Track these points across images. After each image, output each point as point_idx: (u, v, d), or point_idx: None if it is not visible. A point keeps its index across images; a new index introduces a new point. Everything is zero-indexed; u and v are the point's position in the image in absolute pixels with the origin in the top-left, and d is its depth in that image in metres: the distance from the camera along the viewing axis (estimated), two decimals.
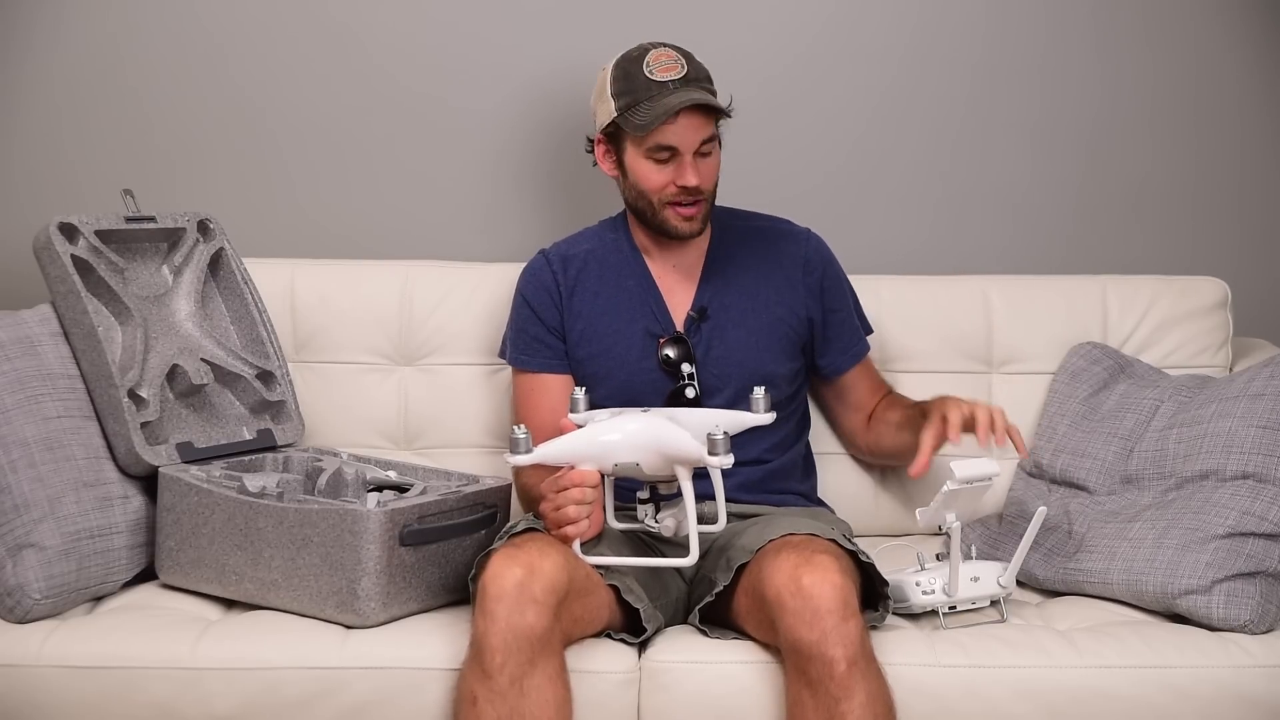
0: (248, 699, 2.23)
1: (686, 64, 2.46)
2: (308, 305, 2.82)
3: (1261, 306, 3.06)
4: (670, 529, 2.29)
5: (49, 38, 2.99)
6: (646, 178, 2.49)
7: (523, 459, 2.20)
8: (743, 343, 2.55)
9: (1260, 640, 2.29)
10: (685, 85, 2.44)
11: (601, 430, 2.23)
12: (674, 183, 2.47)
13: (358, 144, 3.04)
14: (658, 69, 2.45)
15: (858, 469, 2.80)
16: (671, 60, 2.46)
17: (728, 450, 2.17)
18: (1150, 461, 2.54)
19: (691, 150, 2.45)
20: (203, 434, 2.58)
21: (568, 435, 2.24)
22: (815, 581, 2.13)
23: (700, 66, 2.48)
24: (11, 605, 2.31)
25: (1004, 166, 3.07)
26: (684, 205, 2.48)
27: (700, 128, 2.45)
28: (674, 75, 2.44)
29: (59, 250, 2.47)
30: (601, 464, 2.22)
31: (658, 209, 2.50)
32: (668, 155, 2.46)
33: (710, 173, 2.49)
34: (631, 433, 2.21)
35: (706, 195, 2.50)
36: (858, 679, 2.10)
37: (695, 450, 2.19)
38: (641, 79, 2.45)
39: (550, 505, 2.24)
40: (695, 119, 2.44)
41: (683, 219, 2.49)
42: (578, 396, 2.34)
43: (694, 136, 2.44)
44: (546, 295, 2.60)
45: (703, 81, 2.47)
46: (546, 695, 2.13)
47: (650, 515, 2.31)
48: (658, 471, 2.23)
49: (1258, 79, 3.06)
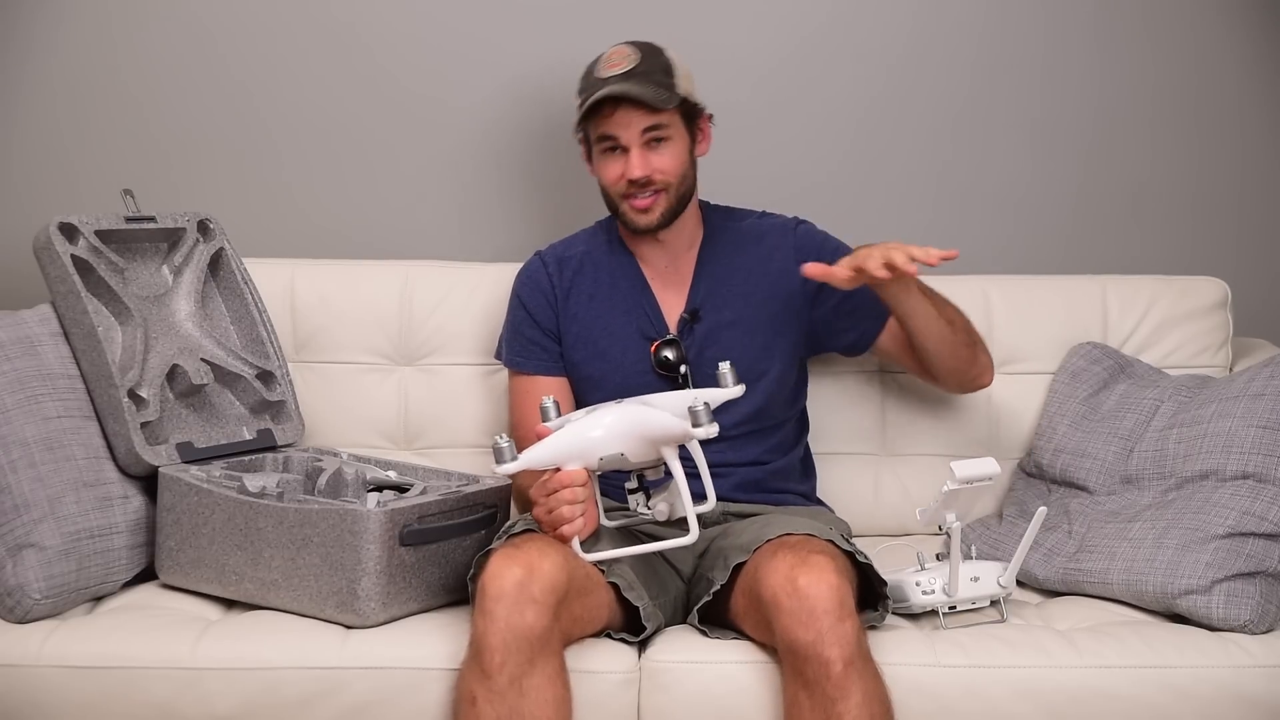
0: (248, 699, 2.23)
1: (639, 58, 2.46)
2: (308, 305, 2.83)
3: (1261, 306, 3.06)
4: (664, 513, 2.29)
5: (49, 38, 2.99)
6: (602, 172, 2.52)
7: (509, 466, 2.20)
8: (736, 342, 2.55)
9: (1260, 640, 2.29)
10: (625, 78, 2.44)
11: (582, 427, 2.22)
12: (624, 176, 2.48)
13: (358, 144, 3.04)
14: (605, 65, 2.47)
15: (858, 469, 2.80)
16: (622, 56, 2.47)
17: (710, 419, 2.18)
18: (1150, 461, 2.54)
19: (635, 142, 2.46)
20: (203, 434, 2.58)
21: (550, 437, 2.23)
22: (811, 582, 2.13)
23: (656, 61, 2.47)
24: (11, 605, 2.31)
25: (1004, 166, 3.07)
26: (637, 198, 2.49)
27: (639, 119, 2.45)
28: (618, 70, 2.45)
29: (59, 250, 2.47)
30: (587, 460, 2.22)
31: (617, 204, 2.52)
32: (613, 147, 2.47)
33: (665, 164, 2.48)
34: (611, 424, 2.21)
35: (661, 185, 2.49)
36: (854, 679, 2.10)
37: (678, 426, 2.19)
38: (591, 77, 2.48)
39: (543, 509, 2.24)
40: (633, 111, 2.45)
41: (637, 211, 2.50)
42: (547, 405, 2.31)
43: (633, 128, 2.45)
44: (542, 297, 2.60)
45: (654, 75, 2.46)
46: (546, 695, 2.13)
47: (642, 503, 2.31)
48: (643, 457, 2.23)
49: (1258, 79, 3.06)
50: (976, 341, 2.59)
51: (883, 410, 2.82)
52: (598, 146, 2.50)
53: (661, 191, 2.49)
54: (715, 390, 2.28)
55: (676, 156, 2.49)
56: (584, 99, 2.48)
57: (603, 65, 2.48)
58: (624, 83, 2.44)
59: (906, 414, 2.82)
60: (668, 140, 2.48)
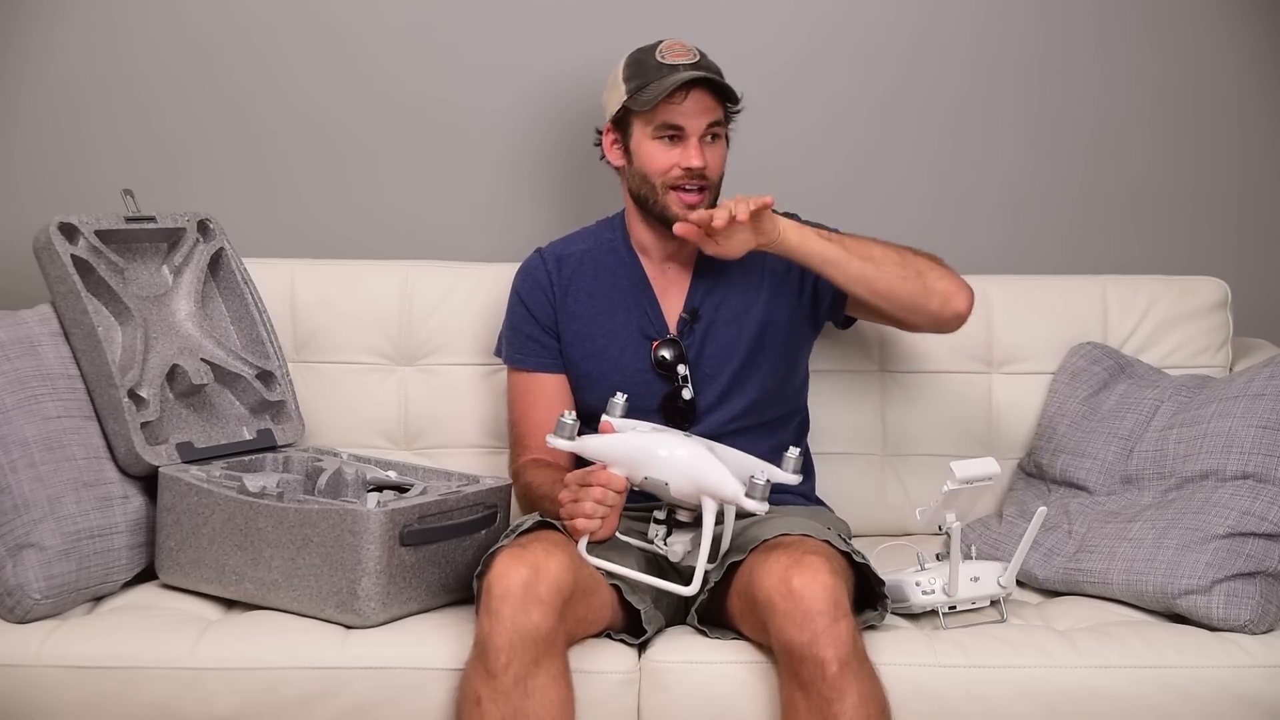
0: (248, 699, 2.23)
1: (699, 54, 2.48)
2: (308, 305, 2.83)
3: (1261, 306, 3.06)
4: (677, 554, 2.29)
5: (49, 38, 2.99)
6: (651, 159, 2.48)
7: (563, 444, 2.23)
8: (736, 343, 2.55)
9: (1260, 640, 2.29)
10: (696, 67, 2.45)
11: (650, 442, 2.22)
12: (679, 164, 2.46)
13: (358, 144, 3.04)
14: (670, 54, 2.47)
15: (858, 469, 2.80)
16: (684, 49, 2.48)
17: (764, 497, 2.17)
18: (1150, 461, 2.54)
19: (698, 133, 2.45)
20: (203, 434, 2.58)
21: (614, 436, 2.24)
22: (805, 583, 2.13)
23: (712, 62, 2.50)
24: (11, 605, 2.31)
25: (1004, 166, 3.07)
26: (687, 191, 2.48)
27: (708, 110, 2.46)
28: (685, 60, 2.46)
29: (59, 250, 2.47)
30: (634, 472, 2.22)
31: (660, 193, 2.49)
32: (674, 134, 2.46)
33: (716, 161, 2.49)
34: (679, 455, 2.21)
35: (710, 184, 2.49)
36: (850, 679, 2.10)
37: (734, 489, 2.18)
38: (653, 63, 2.47)
39: (570, 495, 2.24)
40: (704, 100, 2.45)
41: (684, 205, 2.47)
42: (617, 401, 2.32)
43: (702, 118, 2.45)
44: (541, 294, 2.60)
45: (714, 71, 2.48)
46: (550, 695, 2.13)
47: (661, 536, 2.31)
48: (683, 497, 2.23)
49: (1258, 79, 3.06)
50: (923, 270, 2.47)
51: (883, 410, 2.82)
52: (654, 133, 2.47)
53: (707, 189, 2.49)
54: (774, 468, 2.26)
55: (722, 156, 2.51)
56: (648, 84, 2.44)
57: (665, 53, 2.48)
58: (700, 69, 2.45)
59: (906, 414, 2.82)
60: (720, 139, 2.49)
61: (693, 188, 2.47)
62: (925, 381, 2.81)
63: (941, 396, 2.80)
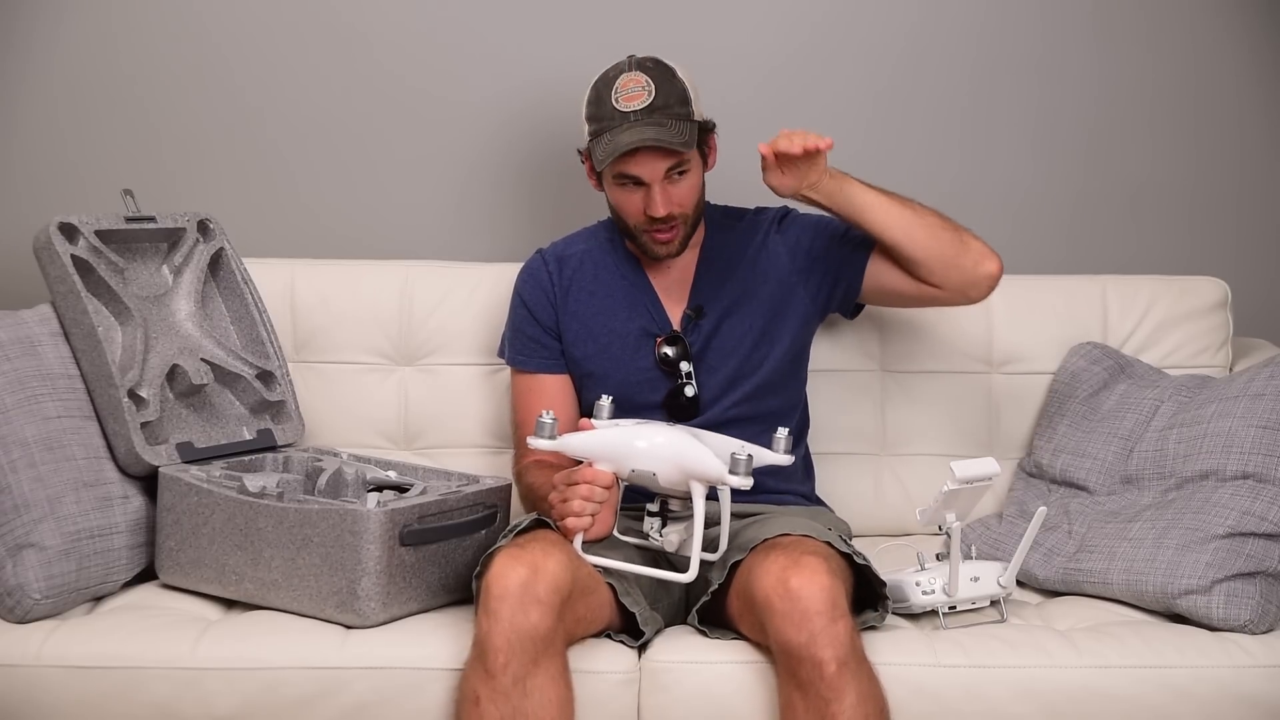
0: (248, 699, 2.23)
1: (654, 90, 2.42)
2: (308, 305, 2.83)
3: (1261, 306, 3.06)
4: (673, 544, 2.29)
5: (49, 38, 2.99)
6: (618, 204, 2.50)
7: (543, 444, 2.22)
8: (739, 339, 2.55)
9: (1260, 640, 2.29)
10: (648, 115, 2.40)
11: (628, 434, 2.23)
12: (645, 212, 2.47)
13: (358, 144, 3.04)
14: (623, 96, 2.42)
15: (858, 469, 2.80)
16: (639, 87, 2.42)
17: (748, 472, 2.17)
18: (1150, 461, 2.54)
19: (657, 179, 2.44)
20: (203, 434, 2.58)
21: (594, 432, 2.25)
22: (803, 583, 2.13)
23: (673, 89, 2.44)
24: (11, 605, 2.31)
25: (1004, 167, 3.07)
26: (659, 231, 2.48)
27: (663, 159, 2.43)
28: (637, 105, 2.41)
29: (59, 250, 2.47)
30: (620, 466, 2.23)
31: (636, 234, 2.51)
32: (634, 184, 2.46)
33: (684, 196, 2.47)
34: (658, 443, 2.22)
35: (681, 218, 2.49)
36: (848, 680, 2.10)
37: (716, 468, 2.19)
38: (608, 107, 2.43)
39: (558, 496, 2.25)
40: (656, 153, 2.42)
41: (659, 243, 2.50)
42: (603, 404, 2.35)
43: (657, 168, 2.43)
44: (543, 295, 2.61)
45: (672, 108, 2.42)
46: (549, 695, 2.13)
47: (656, 528, 2.31)
48: (672, 485, 2.23)
49: (1258, 79, 3.06)
50: (959, 228, 2.50)
51: (883, 410, 2.82)
52: (615, 181, 2.47)
53: (680, 224, 2.49)
54: (763, 450, 2.27)
55: (694, 186, 2.49)
56: (602, 134, 2.42)
57: (619, 97, 2.42)
58: (648, 126, 2.40)
59: (906, 414, 2.82)
60: (687, 173, 2.47)
61: (663, 228, 2.48)
62: (925, 381, 2.81)
63: (941, 396, 2.80)
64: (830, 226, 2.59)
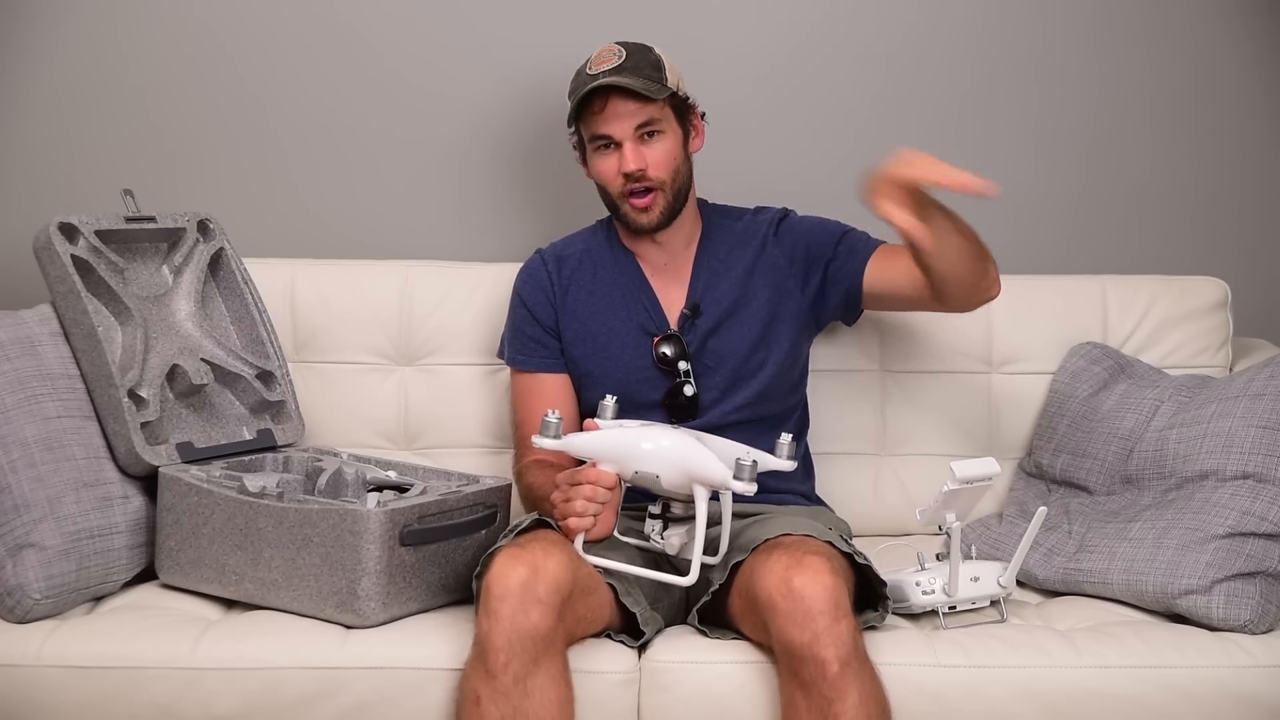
0: (248, 699, 2.23)
1: (625, 55, 2.47)
2: (308, 305, 2.83)
3: (1261, 306, 3.06)
4: (675, 547, 2.29)
5: (49, 38, 2.99)
6: (598, 171, 2.52)
7: (547, 443, 2.22)
8: (737, 337, 2.55)
9: (1260, 640, 2.29)
10: (614, 73, 2.45)
11: (633, 435, 2.23)
12: (619, 171, 2.48)
13: (358, 144, 3.04)
14: (595, 62, 2.48)
15: (858, 469, 2.80)
16: (611, 54, 2.48)
17: (753, 478, 2.18)
18: (1150, 461, 2.54)
19: (628, 136, 2.46)
20: (203, 434, 2.58)
21: (598, 432, 2.24)
22: (806, 583, 2.13)
23: (645, 58, 2.48)
24: (11, 605, 2.31)
25: (1004, 166, 3.06)
26: (636, 195, 2.49)
27: (631, 114, 2.46)
28: (606, 66, 2.46)
29: (59, 250, 2.47)
30: (624, 468, 2.23)
31: (618, 204, 2.52)
32: (607, 144, 2.48)
33: (658, 160, 2.48)
34: (664, 446, 2.21)
35: (657, 182, 2.49)
36: (850, 680, 2.10)
37: (720, 473, 2.18)
38: (582, 75, 2.49)
39: (561, 495, 2.25)
40: (623, 105, 2.45)
41: (637, 210, 2.50)
42: (607, 404, 2.34)
43: (626, 123, 2.46)
44: (542, 295, 2.61)
45: (642, 70, 2.46)
46: (550, 695, 2.13)
47: (657, 531, 2.31)
48: (675, 488, 2.23)
49: (1258, 79, 3.05)
50: (987, 254, 2.46)
51: (883, 410, 2.82)
52: (592, 147, 2.51)
53: (658, 190, 2.50)
54: (766, 455, 2.27)
55: (669, 151, 2.50)
56: (574, 97, 2.48)
57: (591, 64, 2.49)
58: (613, 76, 2.45)
59: (906, 414, 2.82)
60: (660, 135, 2.48)
61: (639, 190, 2.48)
62: (925, 381, 2.81)
63: (941, 396, 2.80)
64: (830, 230, 2.59)
